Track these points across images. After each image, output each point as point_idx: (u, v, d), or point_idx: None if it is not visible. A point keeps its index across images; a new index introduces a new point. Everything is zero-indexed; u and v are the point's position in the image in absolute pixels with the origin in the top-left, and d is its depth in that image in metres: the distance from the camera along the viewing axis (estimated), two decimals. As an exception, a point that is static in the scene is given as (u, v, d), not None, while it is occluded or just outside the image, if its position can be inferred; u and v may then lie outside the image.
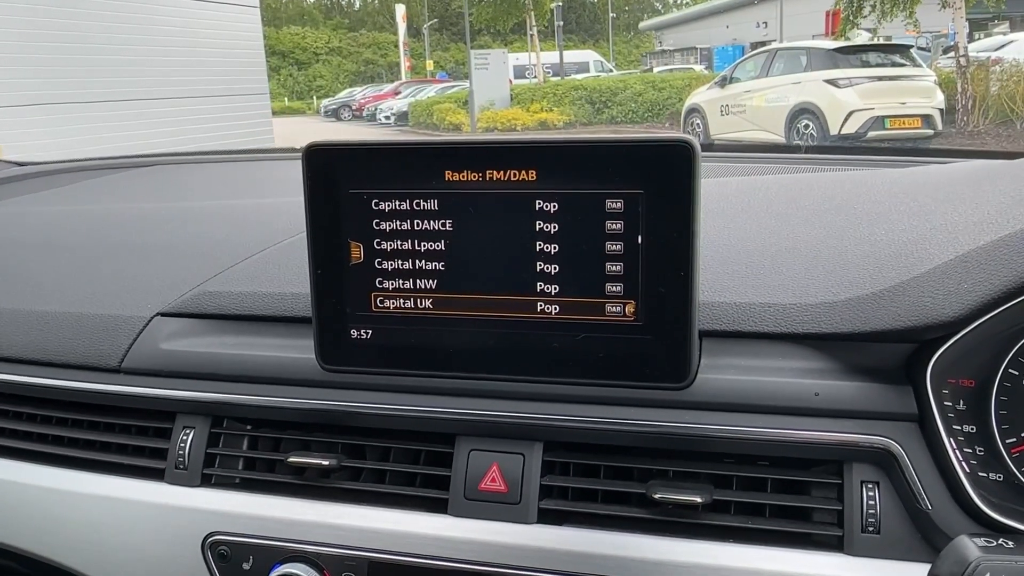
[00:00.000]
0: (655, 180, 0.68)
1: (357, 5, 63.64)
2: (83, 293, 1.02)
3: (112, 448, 0.93)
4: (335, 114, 30.61)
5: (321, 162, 0.75)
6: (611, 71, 29.24)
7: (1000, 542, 0.59)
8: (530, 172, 0.70)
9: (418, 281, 0.75)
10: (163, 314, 0.94)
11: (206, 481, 0.87)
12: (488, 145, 0.72)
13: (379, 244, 0.75)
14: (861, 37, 13.76)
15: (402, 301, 0.75)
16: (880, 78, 10.01)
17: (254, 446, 0.89)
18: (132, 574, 0.89)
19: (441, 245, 0.73)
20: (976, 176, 0.95)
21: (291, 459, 0.83)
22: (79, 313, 0.97)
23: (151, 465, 0.89)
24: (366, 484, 0.83)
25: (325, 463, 0.82)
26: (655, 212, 0.68)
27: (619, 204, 0.69)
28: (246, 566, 0.82)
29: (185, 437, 0.88)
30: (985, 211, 0.79)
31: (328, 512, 0.82)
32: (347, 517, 0.81)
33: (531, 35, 22.56)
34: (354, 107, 29.87)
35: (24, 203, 1.53)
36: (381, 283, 0.75)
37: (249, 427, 0.89)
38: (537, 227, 0.71)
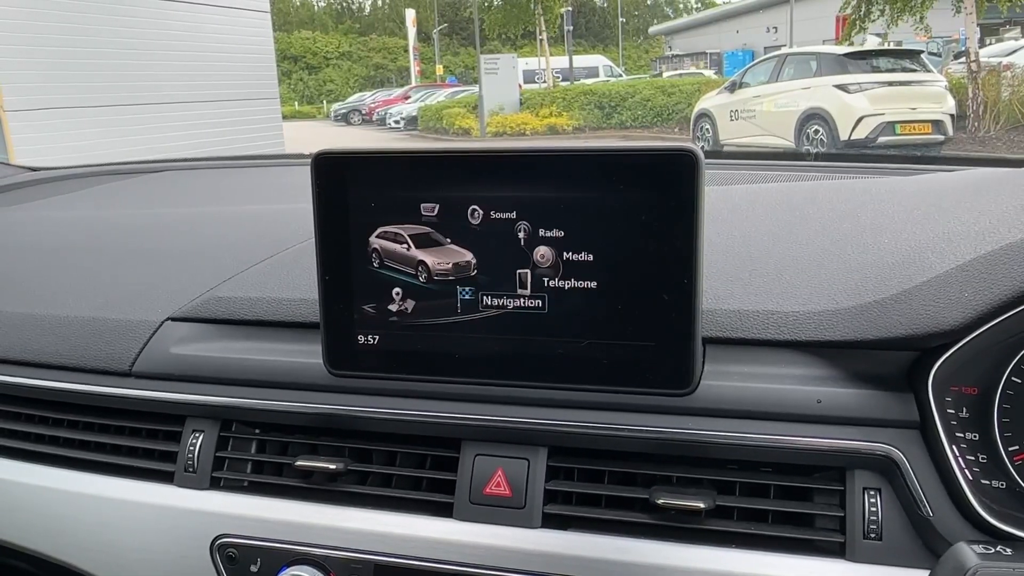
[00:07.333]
0: (659, 189, 0.68)
1: (367, 10, 63.83)
2: (95, 298, 1.03)
3: (122, 451, 0.94)
4: (345, 118, 30.67)
5: (329, 169, 0.76)
6: (621, 76, 29.25)
7: (998, 549, 0.59)
8: (535, 180, 0.71)
9: (425, 287, 0.75)
10: (173, 319, 0.96)
11: (215, 484, 0.88)
12: (493, 153, 0.73)
13: (386, 250, 0.76)
14: (870, 42, 13.70)
15: (408, 307, 0.76)
16: (891, 83, 9.95)
17: (262, 450, 0.90)
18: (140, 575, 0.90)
19: (447, 250, 0.74)
20: (979, 185, 0.95)
21: (299, 463, 0.84)
22: (91, 317, 0.99)
23: (161, 468, 0.90)
24: (372, 488, 0.84)
25: (332, 467, 0.83)
26: (659, 220, 0.69)
27: (623, 212, 0.70)
28: (254, 568, 0.83)
29: (194, 440, 0.89)
30: (987, 220, 0.79)
31: (335, 515, 0.83)
32: (353, 520, 0.82)
33: (541, 40, 22.58)
34: (364, 111, 29.93)
35: (37, 208, 1.55)
36: (388, 289, 0.76)
37: (257, 431, 0.90)
38: (541, 233, 0.72)
